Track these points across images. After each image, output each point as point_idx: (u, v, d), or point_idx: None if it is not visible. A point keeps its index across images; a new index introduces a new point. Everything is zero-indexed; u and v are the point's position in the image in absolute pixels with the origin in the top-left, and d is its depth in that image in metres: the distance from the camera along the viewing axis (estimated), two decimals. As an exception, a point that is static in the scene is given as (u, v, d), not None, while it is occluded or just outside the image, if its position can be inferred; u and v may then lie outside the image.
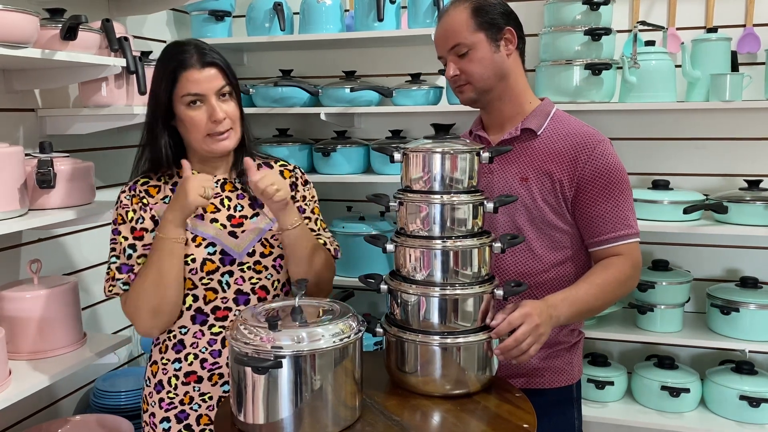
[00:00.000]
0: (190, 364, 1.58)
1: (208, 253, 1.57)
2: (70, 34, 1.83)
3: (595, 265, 1.63)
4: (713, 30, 2.41)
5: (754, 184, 2.36)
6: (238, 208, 1.63)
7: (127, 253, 1.56)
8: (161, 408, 1.60)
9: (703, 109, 2.51)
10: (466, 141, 1.49)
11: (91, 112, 2.10)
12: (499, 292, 1.44)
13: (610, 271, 1.58)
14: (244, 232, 1.60)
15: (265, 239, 1.62)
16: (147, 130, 1.61)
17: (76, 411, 2.36)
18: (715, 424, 2.36)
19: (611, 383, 2.50)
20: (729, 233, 2.31)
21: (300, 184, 1.71)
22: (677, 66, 2.46)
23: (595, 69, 2.35)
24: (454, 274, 1.42)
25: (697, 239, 2.60)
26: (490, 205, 1.45)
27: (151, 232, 1.57)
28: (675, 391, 2.40)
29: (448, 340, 1.41)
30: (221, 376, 1.58)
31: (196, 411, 1.59)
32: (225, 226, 1.60)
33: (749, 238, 2.54)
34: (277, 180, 1.50)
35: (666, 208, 2.36)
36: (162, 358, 1.62)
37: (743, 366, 2.42)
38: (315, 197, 1.74)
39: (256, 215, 1.63)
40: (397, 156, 1.47)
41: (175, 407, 1.59)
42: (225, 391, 1.58)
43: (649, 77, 2.38)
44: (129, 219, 1.58)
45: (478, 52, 1.60)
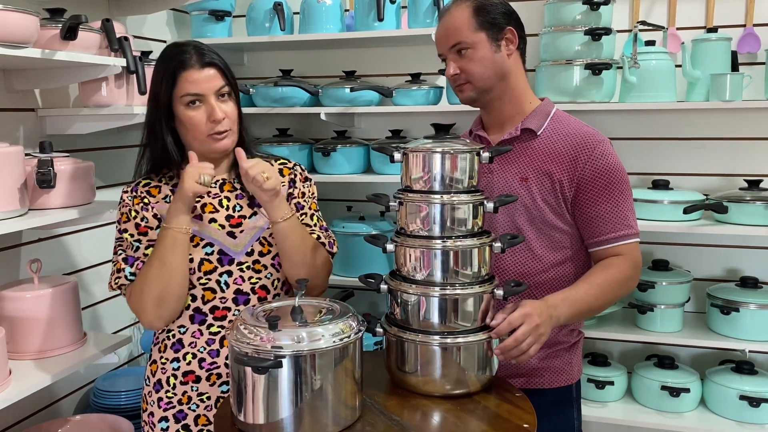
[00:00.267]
0: (189, 363, 1.59)
1: (206, 254, 1.57)
2: (70, 34, 1.83)
3: (595, 265, 1.63)
4: (713, 30, 2.41)
5: (754, 184, 2.35)
6: (237, 209, 1.63)
7: (134, 247, 1.58)
8: (160, 407, 1.61)
9: (703, 109, 2.51)
10: (466, 141, 1.49)
11: (91, 112, 2.10)
12: (499, 292, 1.44)
13: (610, 272, 1.58)
14: (242, 231, 1.60)
15: (264, 238, 1.62)
16: (148, 131, 1.62)
17: (76, 411, 2.36)
18: (715, 424, 2.35)
19: (611, 383, 2.50)
20: (729, 233, 2.31)
21: (299, 181, 1.70)
22: (677, 66, 2.46)
23: (595, 69, 2.35)
24: (454, 273, 1.42)
25: (697, 239, 2.60)
26: (490, 205, 1.45)
27: (155, 229, 1.58)
28: (675, 391, 2.40)
29: (448, 340, 1.41)
30: (219, 376, 1.58)
31: (194, 411, 1.59)
32: (223, 227, 1.60)
33: (749, 238, 2.54)
34: (267, 168, 1.50)
35: (666, 208, 2.36)
36: (161, 358, 1.62)
37: (743, 366, 2.42)
38: (315, 194, 1.73)
39: (254, 214, 1.63)
40: (397, 156, 1.47)
41: (174, 407, 1.60)
42: (223, 392, 1.58)
43: (649, 77, 2.37)
44: (132, 217, 1.60)
45: (478, 51, 1.60)
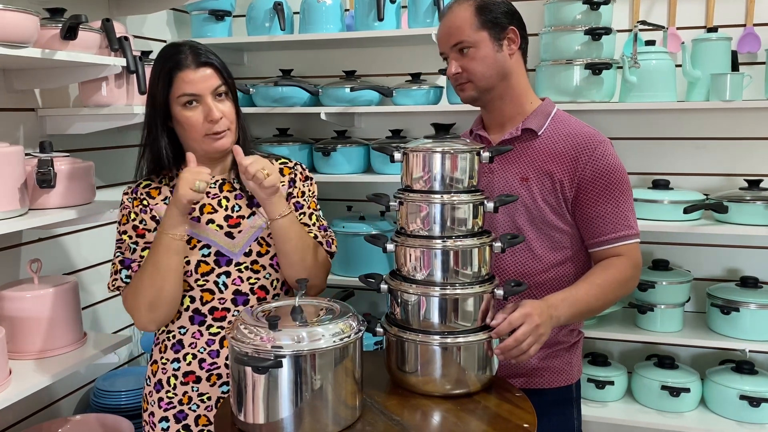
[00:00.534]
0: (189, 364, 1.59)
1: (203, 255, 1.57)
2: (70, 33, 1.83)
3: (595, 265, 1.63)
4: (713, 30, 2.41)
5: (754, 184, 2.35)
6: (236, 209, 1.62)
7: (131, 249, 1.59)
8: (160, 407, 1.61)
9: (704, 109, 2.51)
10: (467, 141, 1.49)
11: (91, 112, 2.10)
12: (499, 292, 1.43)
13: (611, 272, 1.58)
14: (240, 232, 1.60)
15: (262, 238, 1.61)
16: (146, 132, 1.61)
17: (76, 411, 2.36)
18: (715, 424, 2.35)
19: (611, 383, 2.50)
20: (729, 233, 2.31)
21: (299, 180, 1.69)
22: (677, 66, 2.46)
23: (596, 69, 2.35)
24: (455, 273, 1.41)
25: (697, 239, 2.60)
26: (490, 205, 1.44)
27: (153, 232, 1.58)
28: (675, 391, 2.40)
29: (449, 340, 1.41)
30: (219, 376, 1.58)
31: (195, 411, 1.59)
32: (221, 227, 1.59)
33: (749, 238, 2.54)
34: (267, 165, 1.49)
35: (666, 207, 2.36)
36: (162, 358, 1.62)
37: (743, 366, 2.42)
38: (315, 194, 1.72)
39: (253, 214, 1.62)
40: (397, 156, 1.47)
41: (174, 407, 1.60)
42: (223, 392, 1.58)
43: (650, 77, 2.37)
44: (131, 219, 1.61)
45: (480, 50, 1.60)
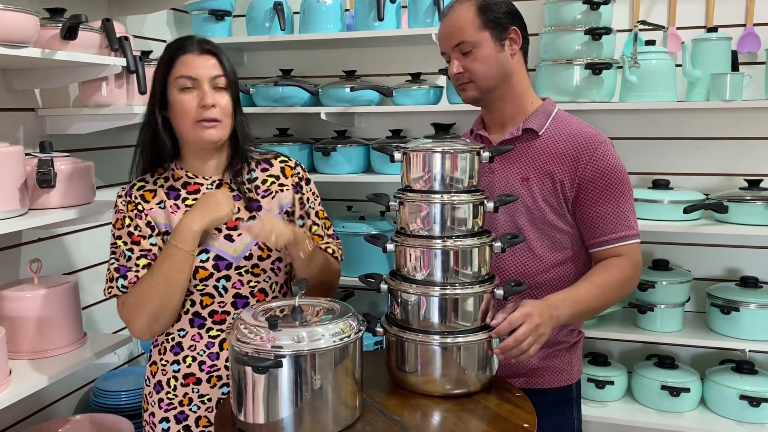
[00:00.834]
0: (189, 366, 1.58)
1: (201, 260, 1.55)
2: (70, 33, 1.83)
3: (595, 265, 1.63)
4: (713, 29, 2.41)
5: (754, 184, 2.35)
6: (234, 211, 1.61)
7: (126, 256, 1.55)
8: (161, 408, 1.60)
9: (704, 109, 2.51)
10: (467, 141, 1.48)
11: (91, 112, 2.10)
12: (499, 292, 1.43)
13: (611, 272, 1.58)
14: (240, 235, 1.59)
15: (263, 242, 1.61)
16: (146, 122, 1.60)
17: (76, 411, 2.36)
18: (715, 424, 2.35)
19: (611, 383, 2.50)
20: (729, 233, 2.31)
21: (303, 184, 1.69)
22: (677, 65, 2.46)
23: (596, 68, 2.35)
24: (455, 273, 1.41)
25: (697, 239, 2.60)
26: (490, 205, 1.44)
27: (149, 238, 1.56)
28: (675, 391, 2.40)
29: (448, 340, 1.41)
30: (219, 378, 1.58)
31: (195, 412, 1.58)
32: (220, 230, 1.58)
33: (749, 238, 2.54)
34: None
35: (666, 207, 2.36)
36: (161, 360, 1.61)
37: (743, 365, 2.42)
38: (317, 195, 1.72)
39: (252, 218, 1.61)
40: (397, 155, 1.47)
41: (175, 408, 1.59)
42: (224, 393, 1.58)
43: (650, 77, 2.37)
44: (126, 225, 1.58)
45: (482, 50, 1.60)
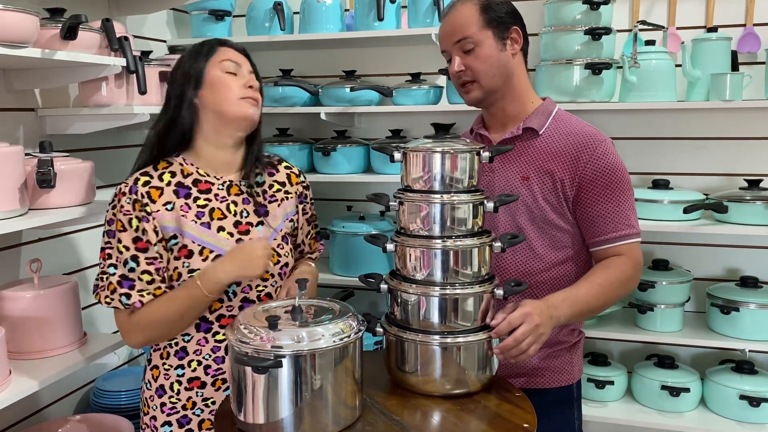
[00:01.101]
0: (194, 370, 1.57)
1: None
2: (70, 33, 1.83)
3: (596, 264, 1.63)
4: (713, 29, 2.41)
5: (754, 184, 2.35)
6: (245, 214, 1.60)
7: (129, 266, 1.50)
8: (163, 412, 1.59)
9: (704, 109, 2.51)
10: (466, 140, 1.48)
11: (91, 112, 2.10)
12: (500, 292, 1.43)
13: (611, 271, 1.58)
14: (251, 240, 1.58)
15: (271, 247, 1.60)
16: (171, 104, 1.57)
17: (76, 411, 2.36)
18: (715, 424, 2.35)
19: (611, 383, 2.50)
20: (729, 233, 2.31)
21: (307, 193, 1.76)
22: (677, 65, 2.46)
23: (596, 68, 2.35)
24: (454, 273, 1.41)
25: (697, 239, 2.60)
26: (490, 205, 1.44)
27: (155, 245, 1.51)
28: (675, 391, 2.40)
29: (448, 340, 1.41)
30: (224, 381, 1.57)
31: (199, 416, 1.58)
32: (232, 235, 1.56)
33: (749, 238, 2.54)
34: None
35: (666, 207, 2.36)
36: (164, 364, 1.59)
37: (743, 365, 2.42)
38: (313, 200, 1.80)
39: (261, 224, 1.61)
40: (397, 155, 1.47)
41: (178, 412, 1.58)
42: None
43: (650, 77, 2.37)
44: (132, 227, 1.50)
45: (484, 49, 1.60)
